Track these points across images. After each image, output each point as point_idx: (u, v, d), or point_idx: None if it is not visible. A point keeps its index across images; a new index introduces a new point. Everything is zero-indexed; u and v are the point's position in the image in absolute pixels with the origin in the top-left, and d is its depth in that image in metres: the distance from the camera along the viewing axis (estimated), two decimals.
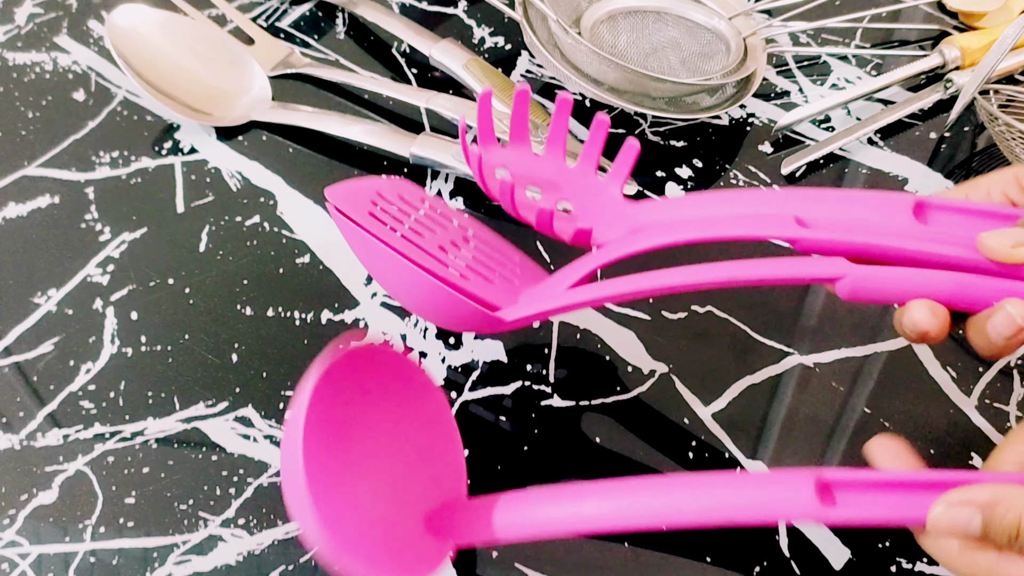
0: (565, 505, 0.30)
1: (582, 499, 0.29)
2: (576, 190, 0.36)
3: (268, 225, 0.43)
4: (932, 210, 0.31)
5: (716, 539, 0.34)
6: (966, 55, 0.50)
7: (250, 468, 0.35)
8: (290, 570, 0.33)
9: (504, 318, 0.32)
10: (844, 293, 0.30)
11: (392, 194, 0.36)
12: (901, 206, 0.31)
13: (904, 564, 0.33)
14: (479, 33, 0.53)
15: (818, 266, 0.31)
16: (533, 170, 0.37)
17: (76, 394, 0.37)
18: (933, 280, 0.29)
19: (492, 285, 0.34)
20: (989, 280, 0.29)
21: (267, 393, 0.37)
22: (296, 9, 0.54)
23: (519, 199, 0.35)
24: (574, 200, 0.36)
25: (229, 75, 0.49)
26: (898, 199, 0.32)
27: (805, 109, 0.47)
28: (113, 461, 0.36)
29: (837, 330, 0.40)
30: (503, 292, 0.34)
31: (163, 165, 0.46)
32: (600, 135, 0.35)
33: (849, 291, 0.30)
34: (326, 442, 0.29)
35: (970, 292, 0.29)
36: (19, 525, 0.34)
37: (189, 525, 0.34)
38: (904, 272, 0.30)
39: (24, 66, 0.50)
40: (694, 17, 0.50)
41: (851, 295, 0.30)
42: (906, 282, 0.29)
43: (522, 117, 0.36)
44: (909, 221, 0.31)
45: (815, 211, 0.32)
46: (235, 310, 0.40)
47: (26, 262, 0.42)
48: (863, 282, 0.30)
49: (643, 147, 0.39)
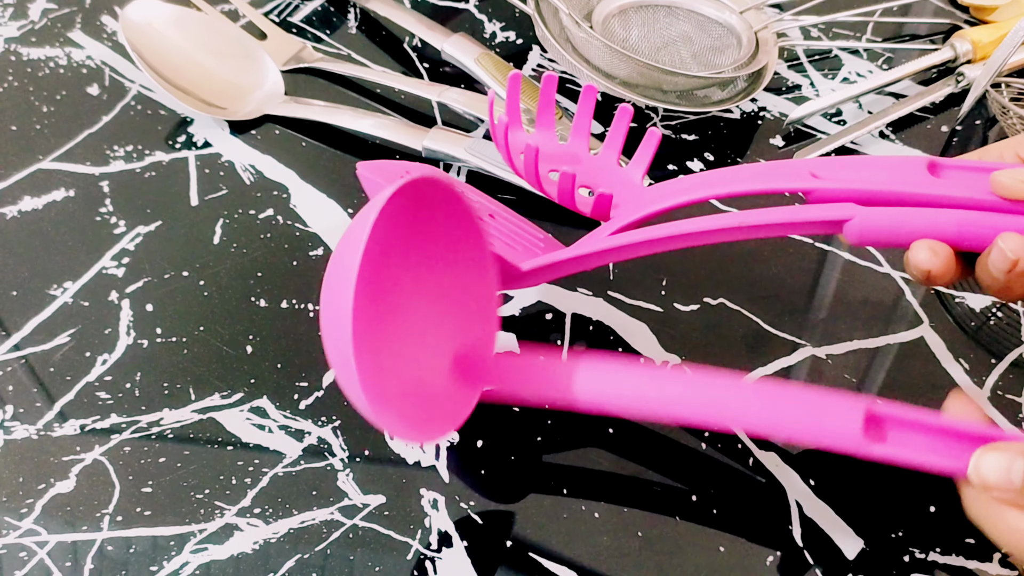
0: (603, 378, 0.30)
1: (624, 377, 0.30)
2: (598, 176, 0.37)
3: (282, 218, 0.43)
4: (945, 168, 0.32)
5: (729, 529, 0.34)
6: (977, 49, 0.50)
7: (265, 458, 0.36)
8: (305, 559, 0.33)
9: (521, 267, 0.33)
10: (852, 236, 0.30)
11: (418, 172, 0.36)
12: (916, 164, 0.32)
13: (917, 554, 0.33)
14: (491, 27, 0.53)
15: (828, 210, 0.31)
16: (556, 156, 0.38)
17: (93, 385, 0.38)
18: (938, 218, 0.30)
19: (515, 251, 0.35)
20: (993, 216, 0.29)
21: (282, 384, 0.38)
22: (308, 4, 0.54)
23: (542, 172, 0.35)
24: (596, 185, 0.38)
25: (242, 70, 0.49)
26: (913, 159, 0.32)
27: (816, 103, 0.47)
28: (130, 451, 0.36)
29: (849, 322, 0.40)
30: (526, 257, 0.35)
31: (177, 159, 0.46)
32: (624, 123, 0.37)
33: (857, 233, 0.30)
34: (376, 278, 0.30)
35: (975, 230, 0.29)
36: (37, 514, 0.34)
37: (205, 514, 0.34)
38: (910, 212, 0.30)
39: (38, 61, 0.51)
40: (705, 11, 0.50)
41: (859, 238, 0.30)
42: (912, 222, 0.30)
43: (548, 103, 0.36)
44: (923, 175, 0.31)
45: (830, 170, 0.33)
46: (249, 302, 0.40)
47: (42, 255, 0.42)
48: (870, 222, 0.30)
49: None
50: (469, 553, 0.33)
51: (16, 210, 0.44)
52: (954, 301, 0.41)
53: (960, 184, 0.31)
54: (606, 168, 0.38)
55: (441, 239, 0.32)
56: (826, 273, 0.42)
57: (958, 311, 0.41)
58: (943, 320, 0.40)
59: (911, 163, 0.32)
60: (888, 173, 0.32)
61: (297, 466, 0.35)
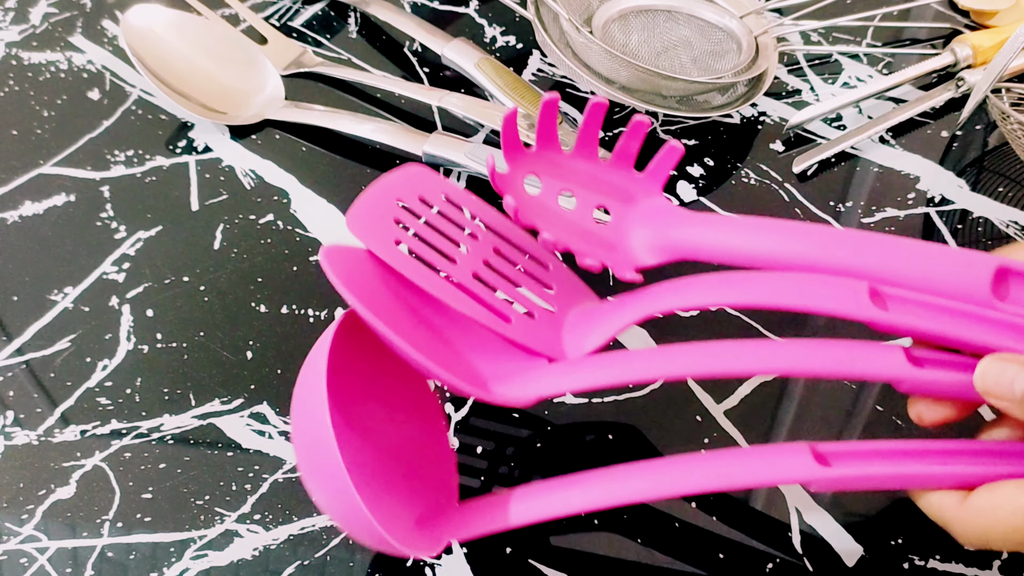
0: (558, 495, 0.30)
1: (571, 490, 0.30)
2: (611, 191, 0.35)
3: (282, 223, 0.43)
4: (1013, 278, 0.30)
5: (729, 536, 0.34)
6: (978, 53, 0.50)
7: (265, 464, 0.36)
8: (305, 565, 0.33)
9: (497, 398, 0.31)
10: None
11: (411, 195, 0.34)
12: (981, 271, 0.29)
13: (916, 561, 0.33)
14: (491, 32, 0.53)
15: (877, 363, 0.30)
16: (565, 173, 0.35)
17: (93, 390, 0.38)
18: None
19: (533, 322, 0.33)
20: None
21: (282, 390, 0.38)
22: (308, 8, 0.54)
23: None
24: (610, 203, 0.35)
25: (243, 74, 0.49)
26: (978, 261, 0.30)
27: (816, 108, 0.47)
28: (130, 457, 0.36)
29: (849, 327, 0.40)
30: (545, 329, 0.33)
31: (177, 164, 0.46)
32: (635, 133, 0.34)
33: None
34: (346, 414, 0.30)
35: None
36: (37, 520, 0.34)
37: (205, 520, 0.34)
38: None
39: (39, 65, 0.51)
40: (705, 16, 0.50)
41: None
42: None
43: (551, 121, 0.34)
44: (986, 295, 0.29)
45: (888, 266, 0.30)
46: (250, 307, 0.40)
47: (42, 260, 0.42)
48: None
49: (655, 146, 0.39)
50: (469, 560, 0.33)
51: (17, 215, 0.44)
52: None
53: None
54: (618, 183, 0.35)
55: (394, 388, 0.33)
56: None
57: None
58: None
59: (977, 266, 0.29)
60: (952, 278, 0.30)
61: (297, 472, 0.35)
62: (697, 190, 0.45)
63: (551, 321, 0.34)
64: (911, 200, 0.45)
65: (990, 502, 0.27)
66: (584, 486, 0.30)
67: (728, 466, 0.29)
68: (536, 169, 0.35)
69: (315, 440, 0.27)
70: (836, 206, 0.45)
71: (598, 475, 0.30)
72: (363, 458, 0.31)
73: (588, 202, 0.35)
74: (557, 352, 0.33)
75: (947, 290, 0.30)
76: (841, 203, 0.45)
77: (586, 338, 0.33)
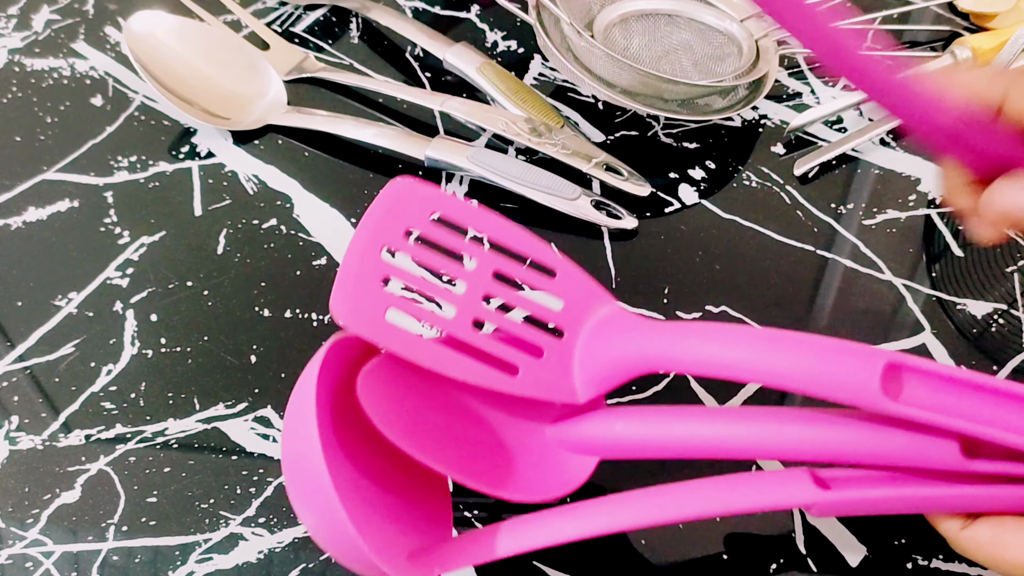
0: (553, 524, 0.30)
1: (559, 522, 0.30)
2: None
3: (285, 228, 0.44)
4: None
5: (732, 536, 0.34)
6: (978, 56, 0.50)
7: (270, 467, 0.36)
8: (310, 568, 0.33)
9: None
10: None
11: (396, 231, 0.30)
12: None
13: (920, 561, 0.33)
14: (492, 37, 0.53)
15: None
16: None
17: (97, 395, 0.38)
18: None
19: (541, 364, 0.31)
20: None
21: (285, 394, 0.37)
22: (310, 14, 0.55)
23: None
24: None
25: (245, 80, 0.49)
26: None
27: (817, 110, 0.47)
28: (135, 461, 0.36)
29: (851, 329, 0.40)
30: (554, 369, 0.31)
31: (180, 169, 0.46)
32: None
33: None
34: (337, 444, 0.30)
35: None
36: (43, 524, 0.34)
37: (210, 524, 0.34)
38: None
39: (42, 72, 0.51)
40: (706, 19, 0.50)
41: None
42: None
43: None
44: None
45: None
46: (253, 312, 0.40)
47: (46, 265, 0.42)
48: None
49: (656, 149, 0.39)
50: None
51: (21, 221, 0.44)
52: (955, 308, 0.41)
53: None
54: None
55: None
56: (827, 281, 0.42)
57: (959, 318, 0.41)
58: (945, 327, 0.40)
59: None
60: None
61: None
62: (699, 193, 0.45)
63: (561, 353, 0.31)
64: (912, 202, 0.45)
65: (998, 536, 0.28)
66: (578, 516, 0.30)
67: (727, 492, 0.29)
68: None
69: (306, 467, 0.26)
70: (837, 208, 0.45)
71: (595, 505, 0.30)
72: (355, 486, 0.30)
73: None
74: (568, 394, 0.31)
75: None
76: (842, 205, 0.45)
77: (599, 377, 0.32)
